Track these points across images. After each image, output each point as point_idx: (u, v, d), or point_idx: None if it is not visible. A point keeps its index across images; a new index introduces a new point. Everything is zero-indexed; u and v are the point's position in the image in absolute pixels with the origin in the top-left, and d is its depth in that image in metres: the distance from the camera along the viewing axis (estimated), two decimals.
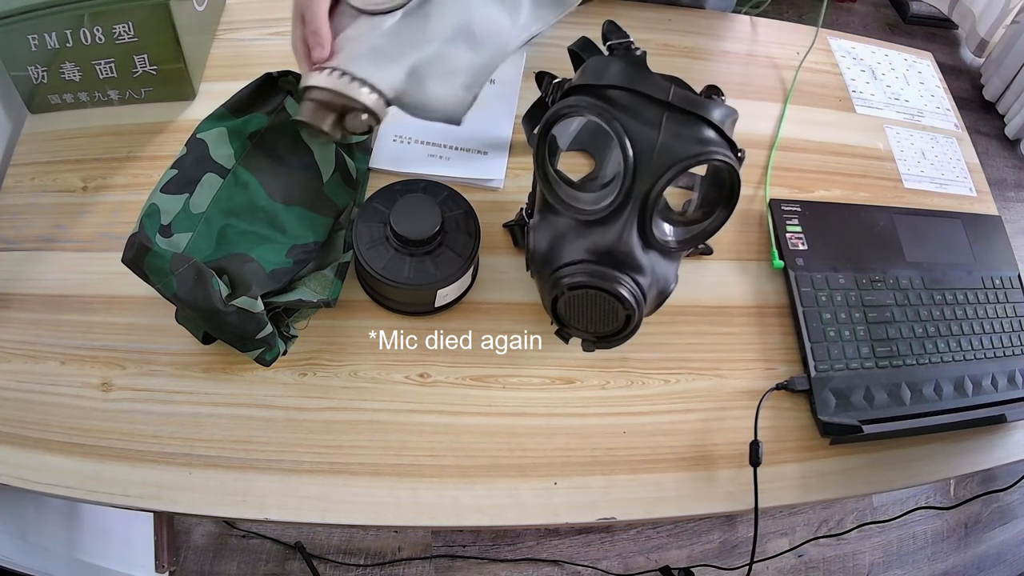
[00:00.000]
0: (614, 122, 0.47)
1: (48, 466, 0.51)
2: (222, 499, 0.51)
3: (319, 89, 0.50)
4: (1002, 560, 1.35)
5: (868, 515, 1.35)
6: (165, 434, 0.53)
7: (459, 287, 0.59)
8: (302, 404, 0.55)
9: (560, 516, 0.54)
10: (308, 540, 1.18)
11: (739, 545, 1.28)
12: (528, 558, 1.22)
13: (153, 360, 0.56)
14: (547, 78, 0.56)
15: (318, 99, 0.50)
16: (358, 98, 0.50)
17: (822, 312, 0.63)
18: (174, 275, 0.49)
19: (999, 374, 0.64)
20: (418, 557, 1.19)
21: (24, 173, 0.64)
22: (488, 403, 0.57)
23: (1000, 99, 1.91)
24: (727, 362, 0.62)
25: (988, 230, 0.72)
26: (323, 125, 0.50)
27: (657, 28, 0.81)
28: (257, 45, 0.73)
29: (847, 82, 0.82)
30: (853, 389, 0.60)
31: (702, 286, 0.65)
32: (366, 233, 0.56)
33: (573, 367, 0.60)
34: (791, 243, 0.66)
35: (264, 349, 0.54)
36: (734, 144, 0.50)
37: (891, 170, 0.76)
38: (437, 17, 0.54)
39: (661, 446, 0.57)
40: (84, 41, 0.60)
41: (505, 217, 0.65)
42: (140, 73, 0.64)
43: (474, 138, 0.69)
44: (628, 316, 0.50)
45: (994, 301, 0.68)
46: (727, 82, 0.57)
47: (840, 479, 0.58)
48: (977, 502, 1.38)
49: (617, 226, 0.49)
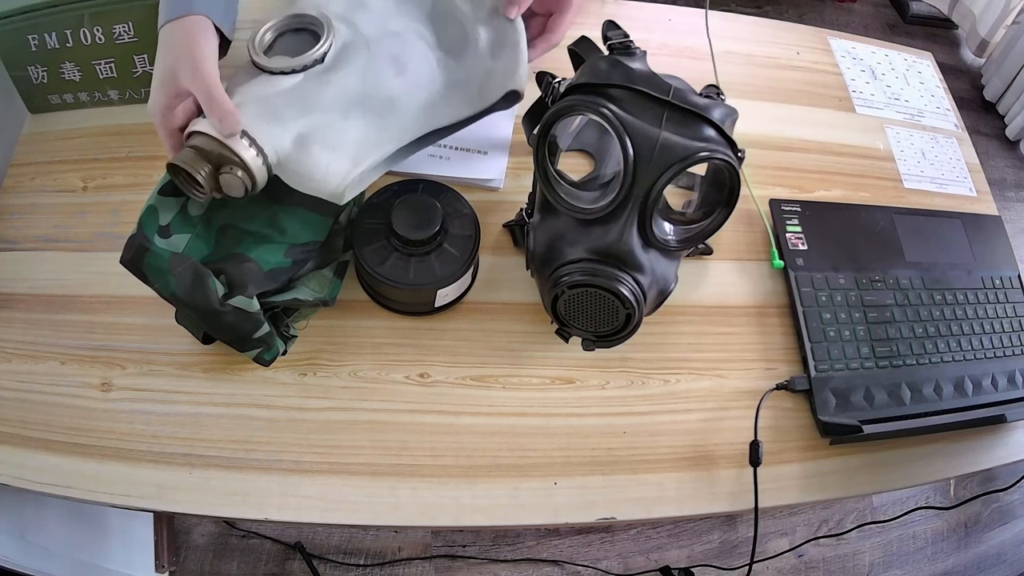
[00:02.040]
0: (614, 121, 0.47)
1: (48, 466, 0.51)
2: (222, 499, 0.51)
3: (202, 135, 0.47)
4: (1002, 560, 1.35)
5: (868, 515, 1.35)
6: (165, 434, 0.53)
7: (459, 287, 0.58)
8: (302, 404, 0.55)
9: (560, 516, 0.54)
10: (308, 540, 1.18)
11: (739, 545, 1.28)
12: (528, 558, 1.22)
13: (153, 360, 0.56)
14: (547, 78, 0.56)
15: (198, 145, 0.47)
16: (238, 151, 0.47)
17: (822, 312, 0.63)
18: (172, 275, 0.49)
19: (999, 374, 0.64)
20: (418, 557, 1.19)
21: (24, 173, 0.64)
22: (488, 403, 0.57)
23: (1000, 99, 1.91)
24: (727, 362, 0.62)
25: (988, 230, 0.72)
26: (197, 173, 0.47)
27: (657, 28, 0.81)
28: None
29: (847, 82, 0.82)
30: (853, 389, 0.60)
31: (702, 286, 0.65)
32: (366, 233, 0.56)
33: (573, 367, 0.60)
34: (791, 243, 0.66)
35: (263, 349, 0.53)
36: (734, 143, 0.50)
37: (891, 170, 0.76)
38: (337, 86, 0.52)
39: (661, 446, 0.57)
40: (84, 41, 0.60)
41: (505, 217, 0.65)
42: (140, 73, 0.64)
43: (474, 138, 0.69)
44: (628, 315, 0.50)
45: (994, 301, 0.68)
46: (727, 82, 0.57)
47: (840, 479, 0.58)
48: (977, 502, 1.38)
49: (617, 225, 0.49)
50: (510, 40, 0.56)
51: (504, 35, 0.57)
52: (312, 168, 0.50)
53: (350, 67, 0.53)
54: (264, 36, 0.53)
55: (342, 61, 0.53)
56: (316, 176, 0.51)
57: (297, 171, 0.50)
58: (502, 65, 0.56)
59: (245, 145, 0.48)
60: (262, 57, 0.52)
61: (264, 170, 0.49)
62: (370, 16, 0.56)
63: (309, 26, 0.54)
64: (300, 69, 0.51)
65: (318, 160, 0.50)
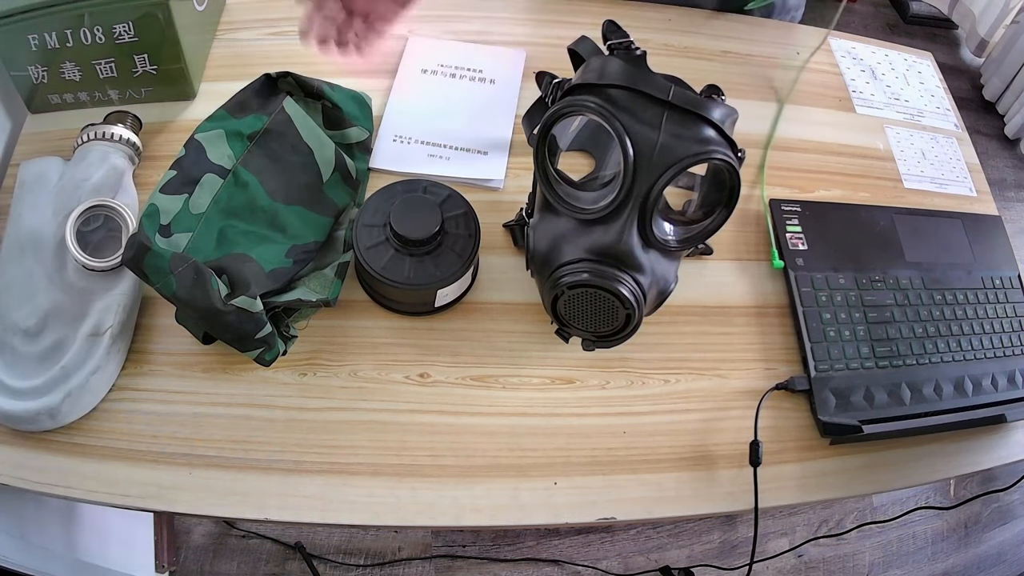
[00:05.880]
0: (614, 121, 0.47)
1: (48, 466, 0.51)
2: (222, 499, 0.51)
3: None
4: (1002, 560, 1.35)
5: (868, 515, 1.35)
6: (165, 434, 0.53)
7: (459, 287, 0.59)
8: (302, 404, 0.55)
9: (560, 516, 0.54)
10: (308, 540, 1.18)
11: (739, 545, 1.28)
12: (528, 558, 1.22)
13: (153, 360, 0.56)
14: (547, 78, 0.56)
15: None
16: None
17: (822, 312, 0.63)
18: (173, 275, 0.49)
19: (999, 374, 0.64)
20: (418, 557, 1.19)
21: None
22: (488, 403, 0.57)
23: (1000, 99, 1.91)
24: (727, 362, 0.62)
25: (988, 230, 0.72)
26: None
27: (657, 28, 0.81)
28: (257, 45, 0.73)
29: (847, 82, 0.82)
30: (853, 389, 0.60)
31: (702, 286, 0.65)
32: (366, 233, 0.56)
33: (573, 367, 0.60)
34: (791, 243, 0.66)
35: (264, 349, 0.53)
36: (734, 144, 0.50)
37: (891, 170, 0.76)
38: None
39: (661, 446, 0.57)
40: (84, 41, 0.60)
41: (505, 217, 0.65)
42: (140, 73, 0.64)
43: (474, 138, 0.69)
44: (628, 315, 0.50)
45: (994, 301, 0.68)
46: (727, 82, 0.57)
47: (840, 479, 0.58)
48: (977, 502, 1.38)
49: (617, 225, 0.49)
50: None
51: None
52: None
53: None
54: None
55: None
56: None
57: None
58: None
59: None
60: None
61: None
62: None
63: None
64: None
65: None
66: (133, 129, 0.62)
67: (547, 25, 0.79)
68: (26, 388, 0.51)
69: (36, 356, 0.52)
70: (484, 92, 0.72)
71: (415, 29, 0.76)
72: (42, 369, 0.52)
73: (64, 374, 0.51)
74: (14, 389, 0.51)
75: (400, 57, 0.73)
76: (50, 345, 0.52)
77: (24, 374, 0.52)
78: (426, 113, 0.70)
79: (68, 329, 0.53)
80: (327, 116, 0.65)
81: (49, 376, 0.51)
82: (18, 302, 0.53)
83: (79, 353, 0.52)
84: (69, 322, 0.53)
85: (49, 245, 0.55)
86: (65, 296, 0.54)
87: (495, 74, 0.74)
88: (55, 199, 0.57)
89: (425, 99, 0.71)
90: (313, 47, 0.64)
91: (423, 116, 0.70)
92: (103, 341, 0.52)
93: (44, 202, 0.57)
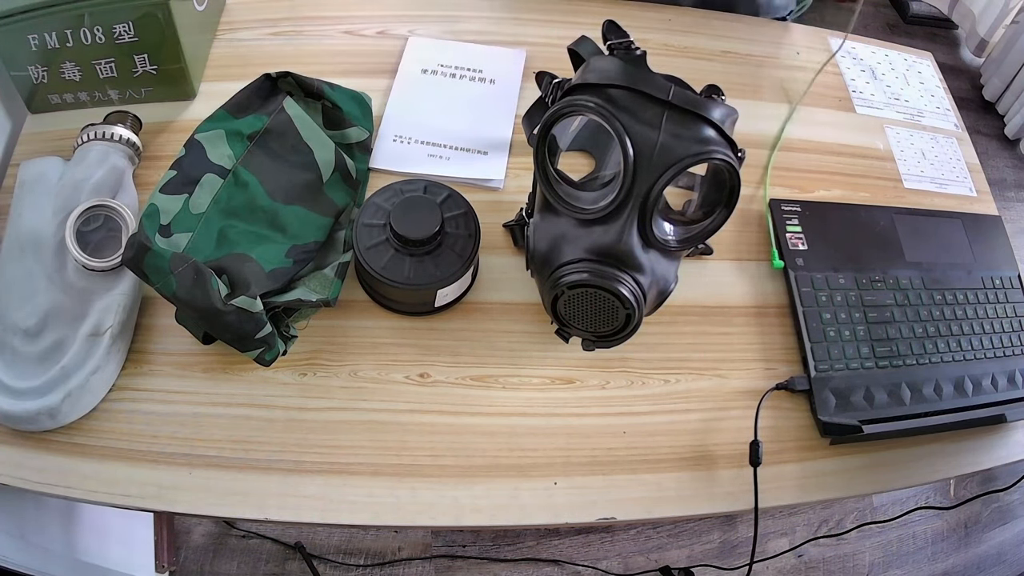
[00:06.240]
0: (614, 121, 0.47)
1: (48, 466, 0.51)
2: (222, 499, 0.51)
3: None
4: (1002, 560, 1.35)
5: (868, 515, 1.35)
6: (165, 434, 0.53)
7: (459, 287, 0.59)
8: (302, 404, 0.55)
9: (560, 516, 0.54)
10: (308, 540, 1.18)
11: (739, 545, 1.28)
12: (528, 558, 1.22)
13: (153, 360, 0.56)
14: (547, 78, 0.56)
15: None
16: None
17: (822, 312, 0.63)
18: (173, 275, 0.49)
19: (999, 374, 0.64)
20: (418, 557, 1.19)
21: None
22: (488, 403, 0.57)
23: (1000, 99, 1.91)
24: (727, 362, 0.62)
25: (988, 230, 0.72)
26: None
27: (657, 28, 0.81)
28: (257, 45, 0.73)
29: (847, 82, 0.82)
30: (853, 389, 0.60)
31: (702, 286, 0.65)
32: (366, 233, 0.56)
33: (573, 367, 0.60)
34: (791, 243, 0.66)
35: (264, 349, 0.53)
36: (734, 144, 0.50)
37: (891, 170, 0.76)
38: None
39: (661, 446, 0.57)
40: (84, 41, 0.60)
41: (505, 217, 0.65)
42: (140, 73, 0.64)
43: (474, 138, 0.69)
44: (628, 315, 0.50)
45: (994, 301, 0.68)
46: (727, 82, 0.57)
47: (840, 479, 0.58)
48: (977, 502, 1.38)
49: (617, 225, 0.49)
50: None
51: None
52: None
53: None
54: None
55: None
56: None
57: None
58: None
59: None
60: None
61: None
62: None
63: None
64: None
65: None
66: (133, 129, 0.62)
67: (547, 25, 0.79)
68: (26, 388, 0.51)
69: (36, 356, 0.52)
70: (484, 92, 0.72)
71: (415, 29, 0.76)
72: (42, 369, 0.52)
73: (64, 374, 0.51)
74: (14, 389, 0.51)
75: (400, 57, 0.73)
76: (50, 345, 0.52)
77: (24, 374, 0.52)
78: (426, 113, 0.70)
79: (68, 329, 0.53)
80: (327, 116, 0.65)
81: (49, 376, 0.51)
82: (18, 302, 0.53)
83: (79, 353, 0.52)
84: (69, 322, 0.53)
85: (49, 245, 0.55)
86: (65, 296, 0.54)
87: (495, 74, 0.74)
88: (55, 199, 0.57)
89: (425, 99, 0.71)
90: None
91: (423, 116, 0.70)
92: (103, 341, 0.52)
93: (44, 202, 0.57)
